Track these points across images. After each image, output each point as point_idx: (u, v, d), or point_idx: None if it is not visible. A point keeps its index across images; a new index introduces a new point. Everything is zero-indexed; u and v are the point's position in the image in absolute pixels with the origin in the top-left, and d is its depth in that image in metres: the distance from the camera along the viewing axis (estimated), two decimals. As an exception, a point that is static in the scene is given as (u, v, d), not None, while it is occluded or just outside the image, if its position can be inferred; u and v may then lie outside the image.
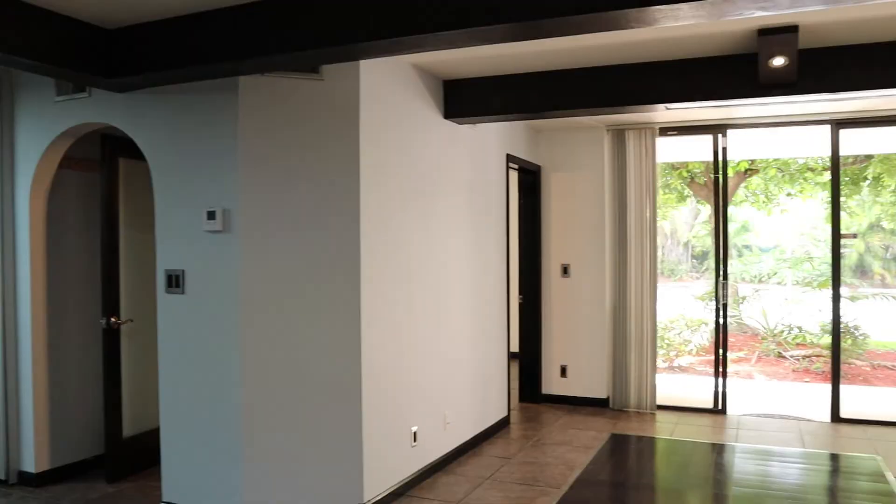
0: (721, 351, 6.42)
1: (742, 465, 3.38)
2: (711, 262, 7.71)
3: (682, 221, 14.84)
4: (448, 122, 5.00)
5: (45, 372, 4.58)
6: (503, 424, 6.03)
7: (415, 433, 4.51)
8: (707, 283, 11.52)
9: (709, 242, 12.32)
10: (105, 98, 4.19)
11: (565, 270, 6.80)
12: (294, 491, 3.82)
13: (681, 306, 10.43)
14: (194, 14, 3.49)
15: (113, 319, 4.56)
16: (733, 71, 4.20)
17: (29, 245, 4.50)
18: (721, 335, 6.43)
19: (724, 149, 6.32)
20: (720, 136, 6.31)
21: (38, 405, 4.53)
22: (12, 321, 4.55)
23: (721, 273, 6.35)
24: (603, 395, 6.66)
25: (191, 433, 3.93)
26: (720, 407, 6.42)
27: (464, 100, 4.93)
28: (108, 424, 4.59)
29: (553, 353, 6.87)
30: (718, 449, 3.86)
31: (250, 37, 3.35)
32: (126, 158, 4.68)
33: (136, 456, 4.79)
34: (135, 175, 4.76)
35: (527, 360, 6.96)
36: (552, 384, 6.90)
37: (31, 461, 4.52)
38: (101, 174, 4.57)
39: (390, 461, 4.24)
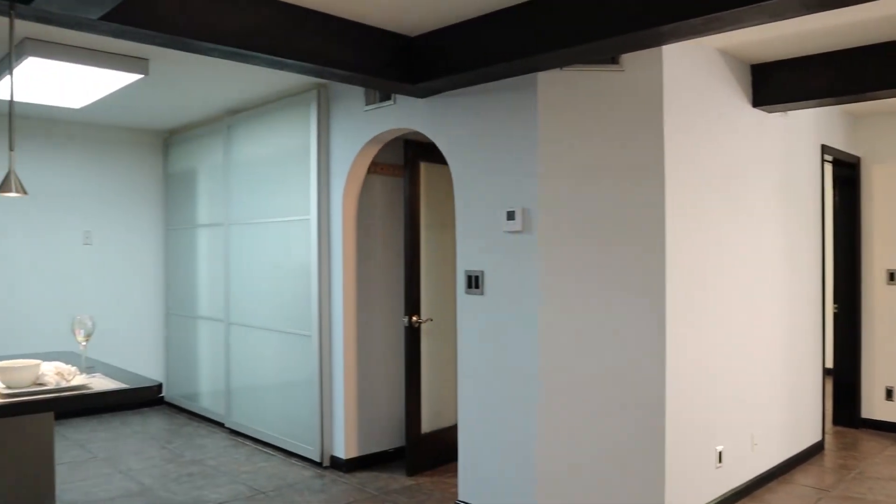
0: None
1: None
2: None
3: None
4: (756, 111, 4.52)
5: (355, 366, 4.89)
6: (816, 450, 5.35)
7: (720, 453, 4.11)
8: None
9: None
10: (408, 104, 4.35)
11: (892, 277, 5.89)
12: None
13: None
14: (491, 13, 3.49)
15: (414, 318, 4.74)
16: None
17: (342, 244, 4.83)
18: None
19: None
20: None
21: (349, 396, 4.85)
22: (327, 316, 4.91)
23: None
24: (943, 425, 5.67)
25: (487, 434, 3.91)
26: None
27: (775, 84, 4.42)
28: (408, 419, 4.77)
29: (876, 371, 5.99)
30: None
31: (548, 30, 3.25)
32: (426, 162, 4.85)
33: (434, 451, 4.94)
34: (434, 178, 4.92)
35: (843, 378, 6.14)
36: (874, 408, 6.01)
37: (342, 448, 4.84)
38: (405, 177, 4.77)
39: (694, 482, 3.90)
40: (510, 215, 3.73)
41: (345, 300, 4.84)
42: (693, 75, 3.93)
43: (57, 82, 4.58)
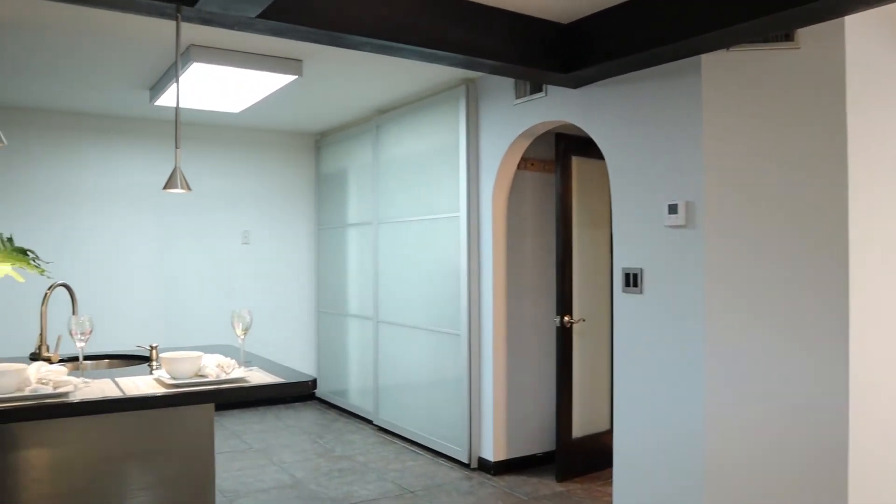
0: None
1: None
2: None
3: None
4: (956, 92, 4.01)
5: (504, 366, 4.77)
6: None
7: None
8: None
9: None
10: (560, 96, 4.18)
11: None
12: (765, 524, 3.32)
13: None
14: (651, -7, 3.26)
15: (566, 318, 4.56)
16: None
17: (492, 242, 4.72)
18: None
19: None
20: None
21: (498, 397, 4.73)
22: (476, 315, 4.82)
23: None
24: None
25: (646, 443, 3.67)
26: None
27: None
28: (559, 423, 4.59)
29: None
30: None
31: (713, 7, 2.98)
32: (579, 156, 4.66)
33: (585, 457, 4.73)
34: (586, 172, 4.72)
35: None
36: None
37: (490, 450, 4.73)
38: (556, 172, 4.60)
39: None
40: (672, 209, 3.48)
41: (494, 299, 4.73)
42: (881, 50, 3.51)
43: (219, 87, 4.76)
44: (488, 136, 4.76)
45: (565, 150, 4.60)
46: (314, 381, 2.72)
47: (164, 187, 2.99)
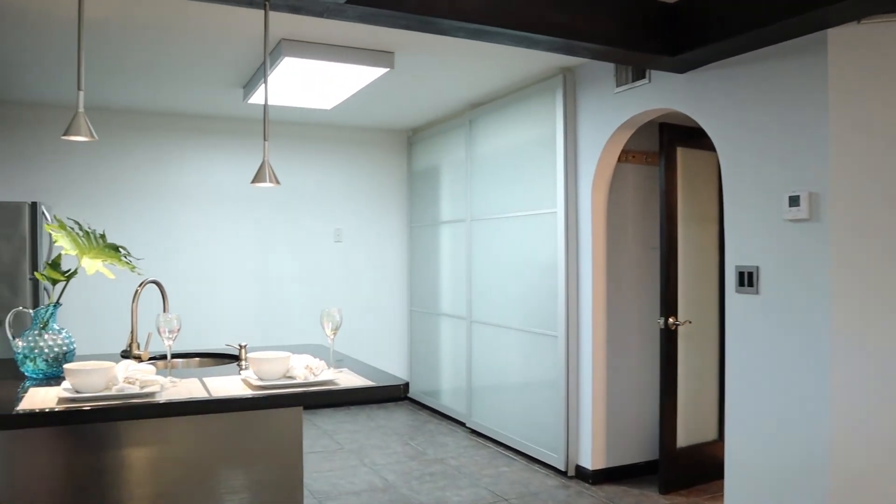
0: None
1: None
2: None
3: None
4: None
5: (604, 370, 4.52)
6: None
7: None
8: None
9: None
10: (665, 81, 3.91)
11: None
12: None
13: None
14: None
15: (671, 320, 4.27)
16: None
17: (591, 239, 4.48)
18: None
19: None
20: None
21: (597, 403, 4.49)
22: (575, 315, 4.59)
23: None
24: None
25: (762, 455, 3.36)
26: None
27: None
28: (662, 431, 4.31)
29: None
30: None
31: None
32: (684, 147, 4.36)
33: (691, 468, 4.43)
34: (692, 164, 4.42)
35: None
36: None
37: (588, 457, 4.49)
38: (660, 165, 4.32)
39: None
40: (793, 201, 3.16)
41: (594, 299, 4.49)
42: None
43: (310, 82, 4.70)
44: (587, 127, 4.52)
45: (669, 141, 4.31)
46: (406, 386, 2.58)
47: (253, 181, 2.91)
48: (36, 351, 2.64)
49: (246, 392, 2.37)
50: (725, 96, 3.54)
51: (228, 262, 6.35)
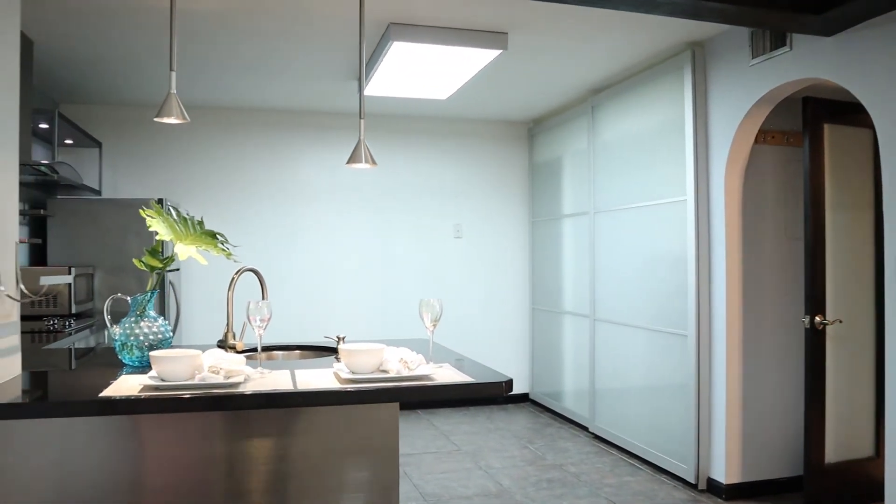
0: None
1: None
2: None
3: None
4: None
5: (739, 373, 4.09)
6: None
7: None
8: None
9: None
10: (809, 47, 3.46)
11: None
12: None
13: None
14: None
15: (818, 319, 3.78)
16: None
17: (724, 229, 4.07)
18: None
19: None
20: None
21: (731, 411, 4.06)
22: (706, 313, 4.18)
23: None
24: None
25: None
26: None
27: None
28: (808, 444, 3.83)
29: None
30: None
31: None
32: (832, 124, 3.87)
33: (841, 487, 3.92)
34: (842, 142, 3.92)
35: None
36: None
37: (722, 470, 4.07)
38: (804, 144, 3.85)
39: None
40: (971, 177, 2.67)
41: (727, 295, 4.07)
42: None
43: (421, 68, 4.55)
44: (719, 106, 4.11)
45: (814, 117, 3.83)
46: (508, 383, 2.34)
47: (348, 162, 2.78)
48: (132, 338, 2.60)
49: (331, 385, 2.21)
50: (884, 61, 3.07)
51: (348, 257, 6.33)
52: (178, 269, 5.74)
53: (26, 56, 4.13)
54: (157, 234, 2.61)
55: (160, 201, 5.13)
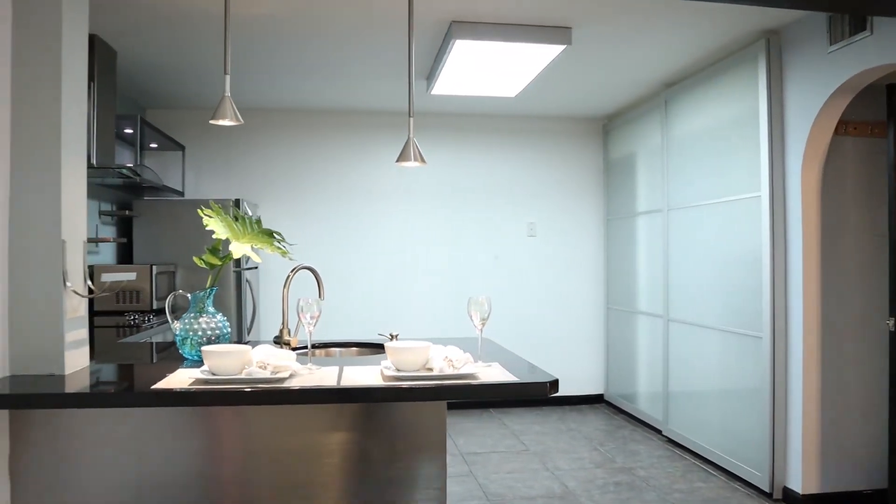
0: None
1: None
2: None
3: None
4: None
5: (818, 378, 3.89)
6: None
7: None
8: None
9: None
10: (892, 31, 3.25)
11: None
12: None
13: None
14: None
15: (902, 320, 3.57)
16: None
17: (801, 226, 3.88)
18: None
19: None
20: None
21: (808, 416, 3.87)
22: (782, 314, 4.00)
23: None
24: None
25: None
26: None
27: None
28: (893, 455, 3.61)
29: None
30: None
31: None
32: (920, 113, 3.63)
33: (932, 501, 3.68)
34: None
35: None
36: None
37: (798, 479, 3.88)
38: (888, 135, 3.62)
39: None
40: None
41: (805, 295, 3.88)
42: None
43: (486, 66, 4.53)
44: (795, 96, 3.92)
45: (901, 106, 3.61)
46: (553, 383, 2.30)
47: (398, 160, 2.79)
48: (191, 333, 2.68)
49: (370, 383, 2.22)
50: (971, 43, 2.86)
51: (420, 256, 6.37)
52: (255, 268, 5.91)
53: (110, 65, 4.35)
54: (213, 232, 2.69)
55: (237, 202, 5.30)
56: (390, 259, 6.33)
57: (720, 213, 4.55)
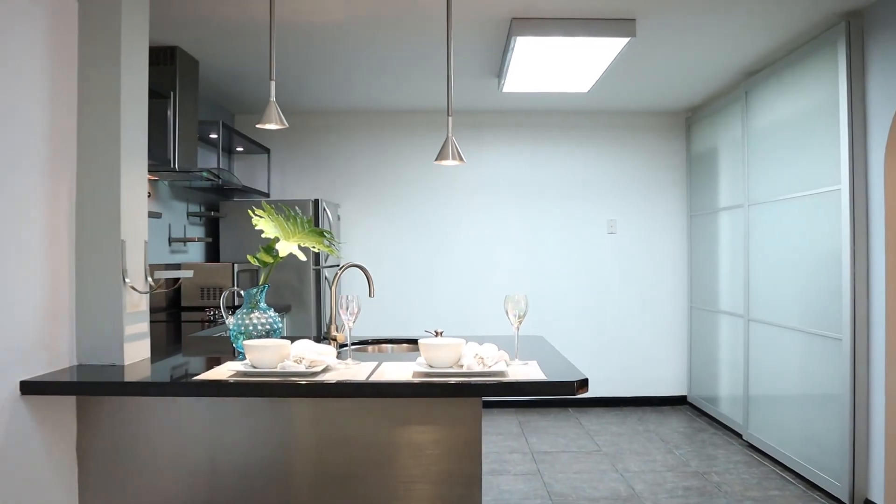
0: None
1: None
2: None
3: None
4: None
5: (901, 382, 3.65)
6: None
7: None
8: None
9: None
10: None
11: None
12: None
13: None
14: None
15: None
16: None
17: (884, 221, 3.64)
18: None
19: None
20: None
21: (892, 425, 3.62)
22: (864, 315, 3.77)
23: None
24: None
25: None
26: None
27: None
28: None
29: None
30: None
31: None
32: None
33: None
34: None
35: None
36: None
37: (880, 491, 3.65)
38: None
39: None
40: None
41: (888, 295, 3.64)
42: None
43: (551, 62, 4.48)
44: (878, 83, 3.69)
45: None
46: (582, 382, 2.27)
47: (436, 159, 2.81)
48: (244, 328, 2.80)
49: (402, 378, 2.25)
50: None
51: (500, 255, 6.37)
52: (336, 266, 6.07)
53: (192, 74, 4.60)
54: (263, 232, 2.80)
55: (315, 202, 5.47)
56: (468, 257, 6.36)
57: (798, 207, 4.34)
